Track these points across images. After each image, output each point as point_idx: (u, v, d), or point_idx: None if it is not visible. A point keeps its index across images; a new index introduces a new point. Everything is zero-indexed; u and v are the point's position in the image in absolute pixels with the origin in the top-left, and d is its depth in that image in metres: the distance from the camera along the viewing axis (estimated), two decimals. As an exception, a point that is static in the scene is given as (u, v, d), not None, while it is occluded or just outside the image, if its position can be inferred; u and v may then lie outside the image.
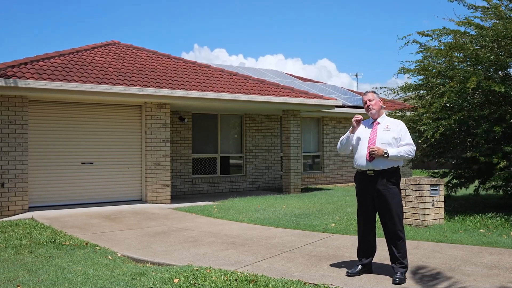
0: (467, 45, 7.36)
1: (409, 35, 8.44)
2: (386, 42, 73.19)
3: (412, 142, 4.30)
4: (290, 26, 79.68)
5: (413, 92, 8.69)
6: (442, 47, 7.93)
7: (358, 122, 4.38)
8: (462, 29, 7.95)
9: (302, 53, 78.17)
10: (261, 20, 79.05)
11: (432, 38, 8.09)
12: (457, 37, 7.69)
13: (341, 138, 4.54)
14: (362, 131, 4.40)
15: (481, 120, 7.20)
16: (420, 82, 8.37)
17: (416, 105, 8.60)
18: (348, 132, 4.45)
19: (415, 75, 8.30)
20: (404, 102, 9.93)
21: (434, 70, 7.85)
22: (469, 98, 7.28)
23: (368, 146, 4.26)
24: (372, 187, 4.27)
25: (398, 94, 8.74)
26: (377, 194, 4.25)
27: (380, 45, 74.25)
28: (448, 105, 7.54)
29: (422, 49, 8.15)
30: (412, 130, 7.72)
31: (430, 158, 8.27)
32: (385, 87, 8.81)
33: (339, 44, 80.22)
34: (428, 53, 8.02)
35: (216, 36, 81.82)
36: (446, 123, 6.98)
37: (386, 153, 4.15)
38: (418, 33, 8.24)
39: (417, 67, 8.10)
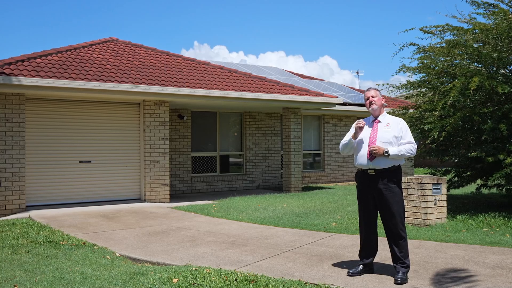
0: (469, 42, 7.29)
1: (412, 28, 8.34)
2: (389, 39, 73.02)
3: (413, 140, 4.27)
4: (291, 23, 79.35)
5: (415, 89, 8.61)
6: (443, 45, 7.85)
7: (361, 128, 4.27)
8: (465, 26, 7.87)
9: (304, 50, 77.88)
10: (262, 16, 78.79)
11: (435, 35, 8.01)
12: (460, 34, 7.61)
13: (343, 140, 4.46)
14: (363, 130, 4.35)
15: (486, 117, 7.14)
16: (422, 79, 8.29)
17: (418, 102, 8.52)
18: (350, 136, 4.36)
19: (416, 72, 8.22)
20: (406, 99, 9.83)
21: (436, 68, 7.77)
22: (471, 96, 7.20)
23: (368, 145, 4.23)
24: (373, 186, 4.24)
25: (399, 90, 8.66)
26: (378, 193, 4.22)
27: (382, 42, 74.01)
28: (454, 104, 7.47)
29: (420, 50, 8.07)
30: (415, 128, 7.65)
31: (432, 157, 8.22)
32: (387, 83, 8.74)
33: (341, 41, 79.94)
34: (428, 53, 7.92)
35: (216, 33, 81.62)
36: (452, 120, 6.90)
37: (386, 152, 4.12)
38: (420, 29, 8.16)
39: (419, 64, 8.01)
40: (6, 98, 8.23)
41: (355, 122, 4.31)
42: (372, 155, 4.18)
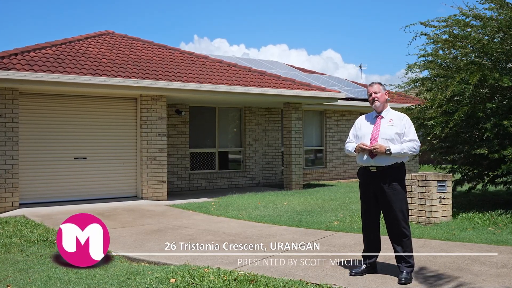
0: (471, 35, 7.14)
1: (413, 24, 8.21)
2: (393, 32, 72.47)
3: (416, 138, 4.17)
4: (294, 15, 78.22)
5: (418, 84, 8.46)
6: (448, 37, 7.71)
7: (363, 150, 4.14)
8: (467, 19, 7.70)
9: (307, 43, 76.82)
10: (264, 8, 77.70)
11: (436, 28, 7.86)
12: (461, 26, 7.46)
13: (347, 144, 4.33)
14: (365, 126, 4.28)
15: (490, 112, 6.98)
16: (425, 75, 8.17)
17: (422, 97, 8.39)
18: (353, 148, 4.24)
19: (420, 69, 8.07)
20: (416, 96, 9.64)
21: (439, 62, 7.63)
22: (473, 91, 7.03)
23: (370, 143, 4.13)
24: (375, 183, 4.15)
25: (404, 88, 8.52)
26: (380, 191, 4.13)
27: (387, 35, 73.44)
28: (456, 98, 7.31)
29: (430, 41, 7.91)
30: (418, 124, 7.51)
31: (437, 154, 8.08)
32: (391, 85, 8.61)
33: (345, 34, 78.94)
34: (437, 45, 7.77)
35: (216, 26, 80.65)
36: (456, 117, 6.75)
37: (388, 150, 4.03)
38: (421, 23, 8.00)
39: (423, 60, 7.88)
40: (-1, 93, 8.09)
41: (360, 143, 4.15)
42: (373, 153, 4.08)
